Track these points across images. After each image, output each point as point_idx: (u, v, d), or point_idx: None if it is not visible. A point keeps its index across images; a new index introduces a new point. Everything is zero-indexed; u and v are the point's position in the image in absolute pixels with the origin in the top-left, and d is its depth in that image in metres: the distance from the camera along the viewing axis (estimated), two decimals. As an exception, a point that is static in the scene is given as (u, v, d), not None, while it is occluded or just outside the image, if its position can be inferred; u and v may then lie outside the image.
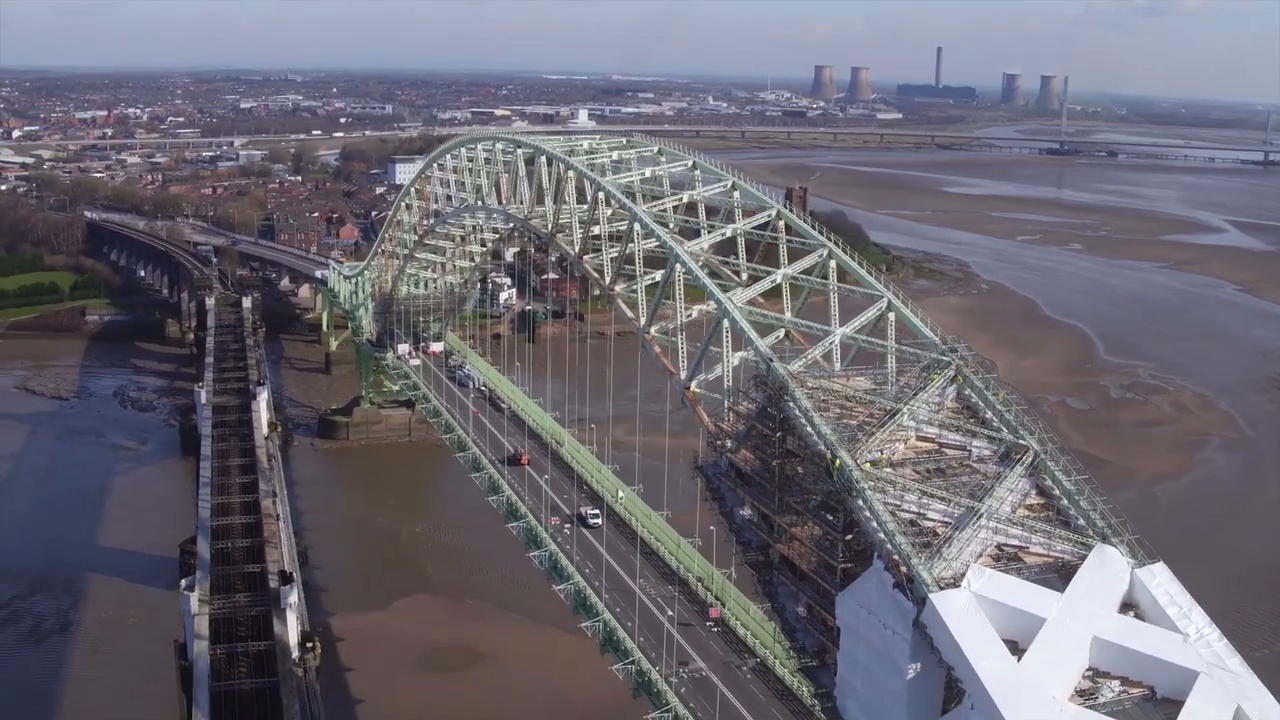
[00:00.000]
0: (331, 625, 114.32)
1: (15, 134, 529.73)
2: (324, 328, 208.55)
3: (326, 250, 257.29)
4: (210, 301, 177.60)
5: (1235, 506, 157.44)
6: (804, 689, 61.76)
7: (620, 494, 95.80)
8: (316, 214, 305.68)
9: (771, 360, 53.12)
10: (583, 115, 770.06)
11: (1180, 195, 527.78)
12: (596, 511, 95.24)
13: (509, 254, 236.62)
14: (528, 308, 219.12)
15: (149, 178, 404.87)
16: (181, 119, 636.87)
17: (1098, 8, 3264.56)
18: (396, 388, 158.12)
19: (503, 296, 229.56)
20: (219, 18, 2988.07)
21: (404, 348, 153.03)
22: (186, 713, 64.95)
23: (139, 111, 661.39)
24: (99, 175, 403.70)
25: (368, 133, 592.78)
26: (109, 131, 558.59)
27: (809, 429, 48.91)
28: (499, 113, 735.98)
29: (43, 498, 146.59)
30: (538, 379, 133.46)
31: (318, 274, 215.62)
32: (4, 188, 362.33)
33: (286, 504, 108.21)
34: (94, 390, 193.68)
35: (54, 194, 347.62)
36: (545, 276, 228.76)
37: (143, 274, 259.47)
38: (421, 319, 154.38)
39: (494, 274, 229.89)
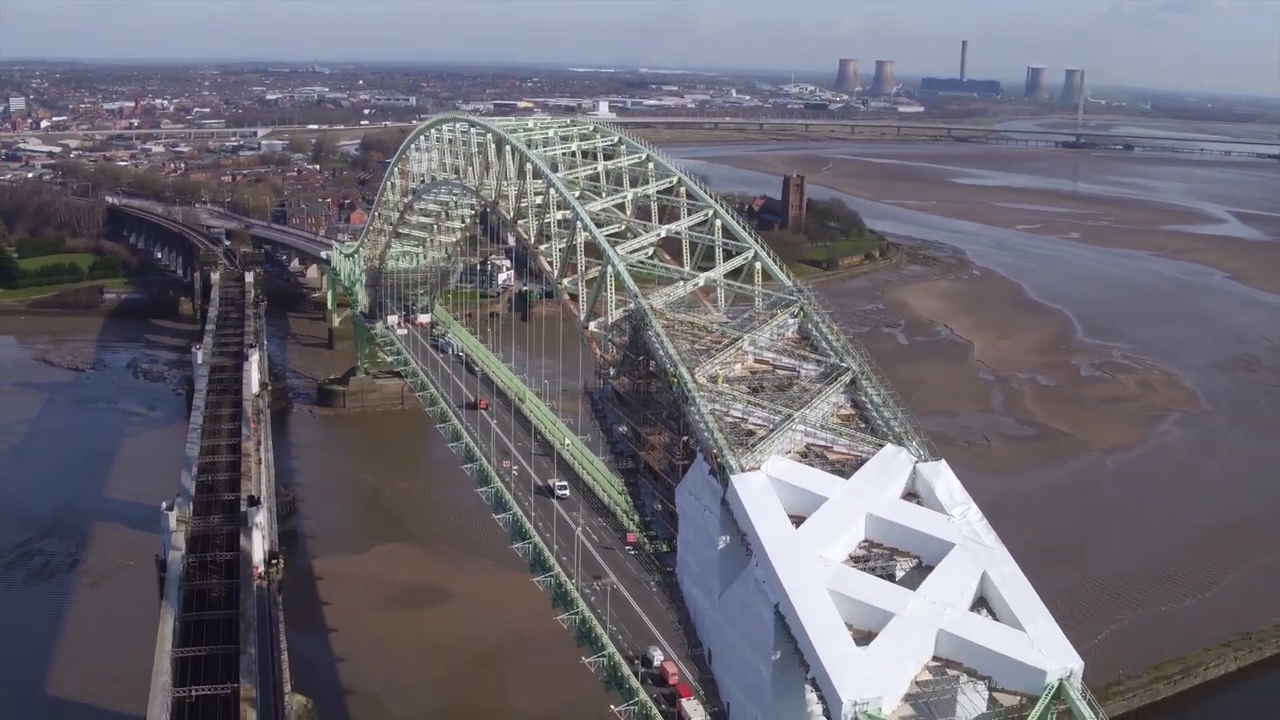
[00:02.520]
0: (313, 567, 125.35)
1: (44, 124, 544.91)
2: (328, 305, 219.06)
3: (336, 234, 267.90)
4: (215, 276, 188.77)
5: (1182, 474, 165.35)
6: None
7: (566, 440, 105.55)
8: (329, 199, 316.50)
9: (637, 296, 62.61)
10: (603, 107, 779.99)
11: (1188, 187, 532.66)
12: (564, 484, 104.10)
13: (512, 238, 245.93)
14: (524, 288, 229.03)
15: (172, 166, 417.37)
16: (207, 110, 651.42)
17: (1125, 5, 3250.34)
18: (390, 359, 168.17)
19: (501, 277, 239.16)
20: (250, 12, 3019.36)
21: (393, 319, 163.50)
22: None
23: (166, 103, 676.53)
24: (123, 163, 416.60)
25: (389, 124, 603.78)
26: (135, 122, 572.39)
27: (660, 351, 58.31)
28: (521, 105, 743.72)
29: (57, 456, 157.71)
30: (526, 352, 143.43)
31: (323, 254, 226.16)
32: (30, 175, 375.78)
33: (270, 450, 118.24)
34: (109, 362, 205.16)
35: (78, 181, 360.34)
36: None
37: (159, 255, 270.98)
38: (410, 292, 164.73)
39: (494, 256, 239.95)
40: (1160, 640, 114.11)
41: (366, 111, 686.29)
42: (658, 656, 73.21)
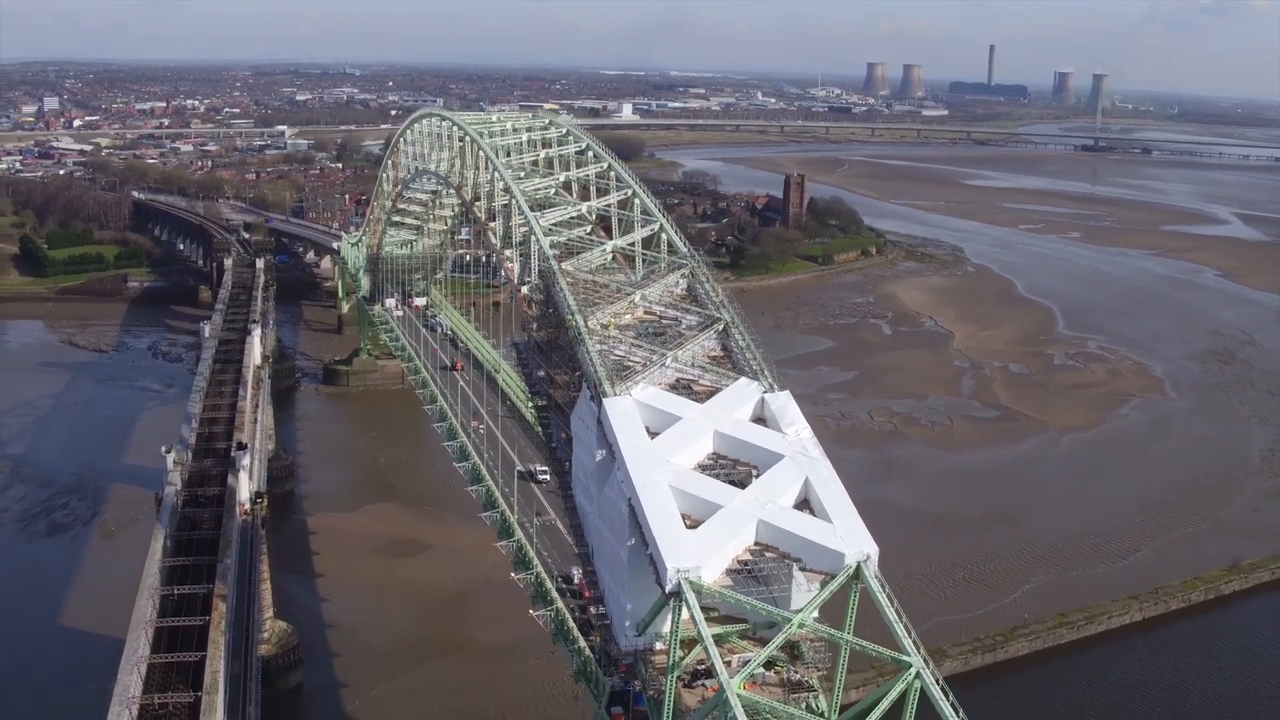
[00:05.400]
0: (307, 523, 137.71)
1: (76, 124, 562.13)
2: (339, 293, 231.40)
3: (350, 227, 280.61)
4: (228, 262, 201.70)
5: (1131, 454, 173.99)
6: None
7: (530, 404, 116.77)
8: (346, 195, 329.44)
9: (549, 258, 73.98)
10: (627, 109, 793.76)
11: (1198, 190, 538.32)
12: (545, 469, 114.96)
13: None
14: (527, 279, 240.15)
15: (198, 164, 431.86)
16: (237, 110, 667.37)
17: (1162, 7, 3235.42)
18: (385, 337, 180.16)
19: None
20: (284, 14, 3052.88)
21: (391, 302, 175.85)
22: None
23: (197, 103, 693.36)
24: (152, 161, 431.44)
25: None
26: (166, 121, 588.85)
27: (561, 301, 69.64)
28: (547, 106, 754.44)
29: (79, 426, 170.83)
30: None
31: (334, 245, 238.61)
32: (62, 172, 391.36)
33: (266, 412, 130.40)
34: (130, 345, 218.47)
35: (106, 177, 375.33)
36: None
37: (181, 247, 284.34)
38: (407, 277, 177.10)
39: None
40: (1075, 597, 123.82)
41: (393, 112, 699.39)
42: (577, 574, 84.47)
